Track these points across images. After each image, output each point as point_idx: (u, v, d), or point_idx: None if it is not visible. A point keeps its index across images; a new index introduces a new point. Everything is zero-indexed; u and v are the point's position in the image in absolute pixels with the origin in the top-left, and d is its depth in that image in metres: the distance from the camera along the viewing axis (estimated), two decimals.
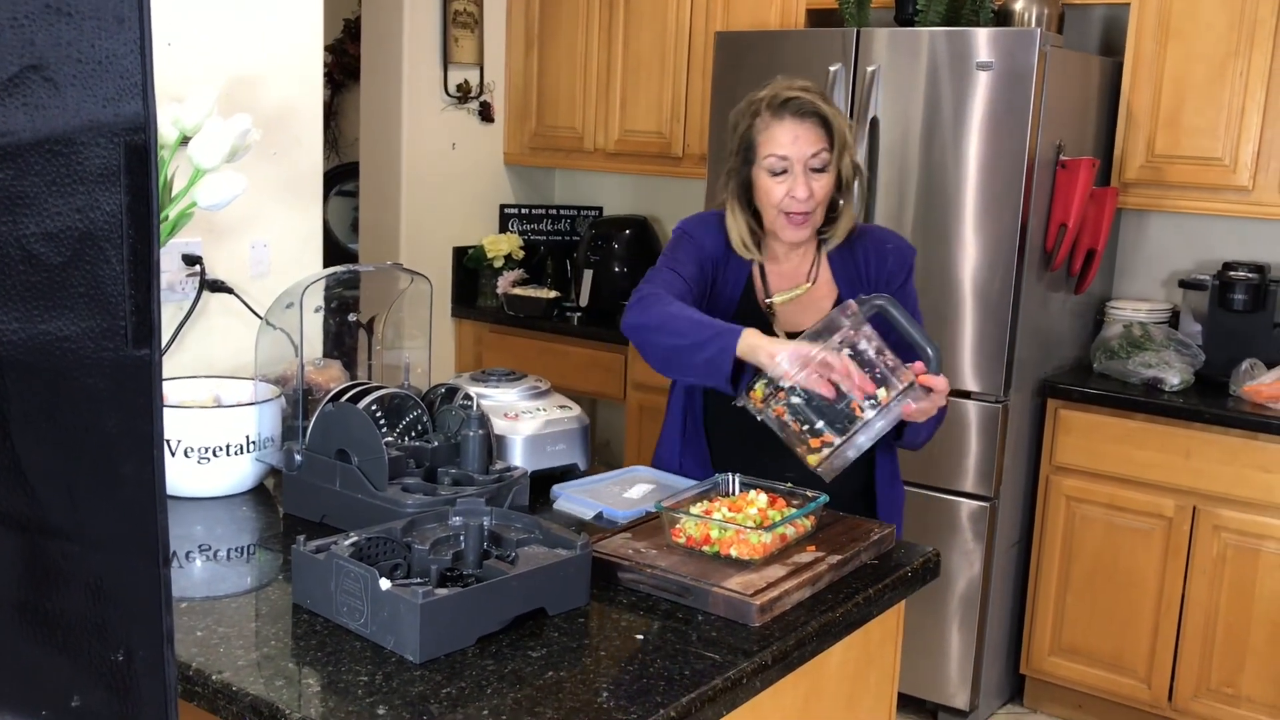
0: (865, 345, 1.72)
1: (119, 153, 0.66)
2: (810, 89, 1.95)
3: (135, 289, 0.68)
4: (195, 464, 1.83)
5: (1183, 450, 2.98)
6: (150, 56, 0.67)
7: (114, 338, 0.68)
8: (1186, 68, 3.13)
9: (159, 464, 0.71)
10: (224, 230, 2.31)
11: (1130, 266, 3.55)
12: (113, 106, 0.65)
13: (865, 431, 1.69)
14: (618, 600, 1.53)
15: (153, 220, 0.68)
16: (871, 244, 2.05)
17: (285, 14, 2.39)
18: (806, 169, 1.92)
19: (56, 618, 0.69)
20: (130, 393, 0.69)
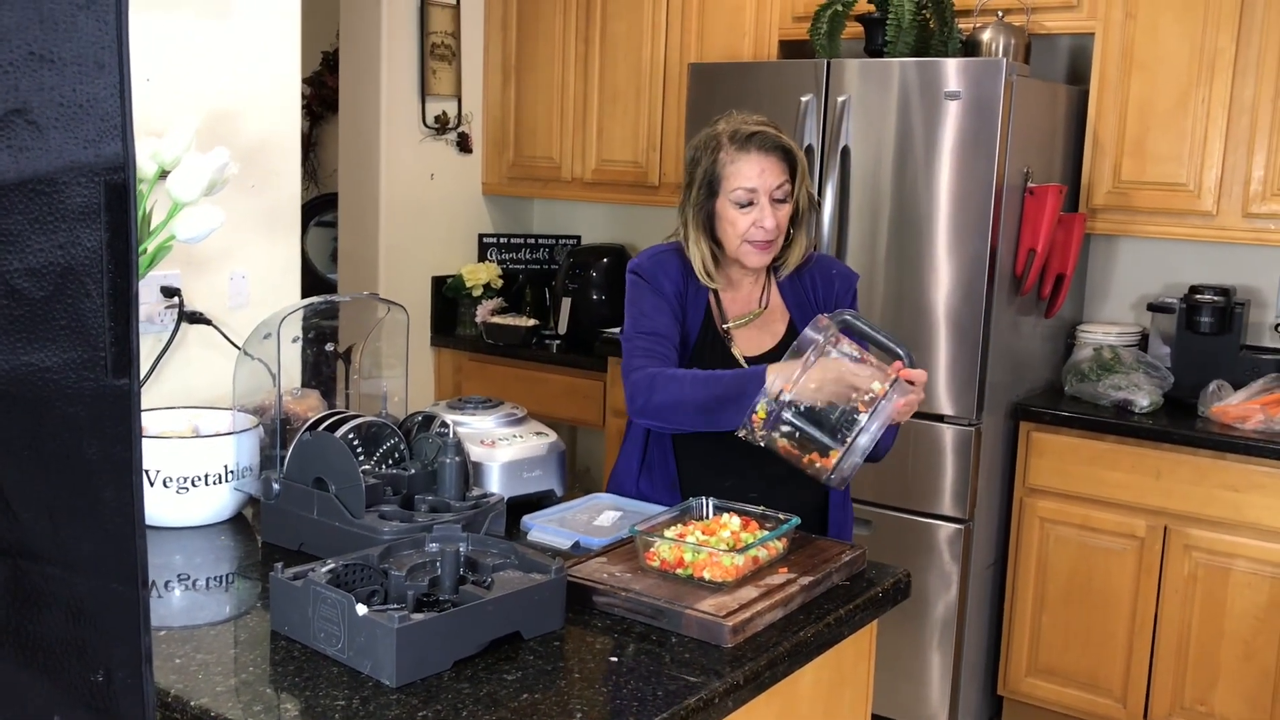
0: (848, 349, 1.78)
1: (99, 191, 0.69)
2: (767, 123, 2.02)
3: (115, 321, 0.70)
4: (174, 494, 1.85)
5: (1153, 471, 3.03)
6: (129, 99, 0.70)
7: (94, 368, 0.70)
8: (1150, 96, 3.20)
9: (138, 490, 0.74)
10: (202, 262, 2.33)
11: (1099, 290, 3.61)
12: (93, 148, 0.68)
13: (865, 434, 1.74)
14: (592, 623, 1.55)
15: (131, 255, 0.71)
16: (818, 270, 2.15)
17: (263, 48, 2.43)
18: (771, 200, 1.99)
19: (38, 639, 0.71)
20: (110, 421, 0.71)
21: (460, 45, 4.33)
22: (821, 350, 1.76)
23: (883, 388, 1.74)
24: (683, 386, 1.93)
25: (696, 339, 2.09)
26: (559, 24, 4.25)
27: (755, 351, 2.09)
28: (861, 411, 1.74)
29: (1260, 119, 3.06)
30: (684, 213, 2.08)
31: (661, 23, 4.00)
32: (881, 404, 1.73)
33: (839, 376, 1.74)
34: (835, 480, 1.77)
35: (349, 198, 4.31)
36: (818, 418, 1.75)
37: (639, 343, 2.03)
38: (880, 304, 3.17)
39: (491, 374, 4.27)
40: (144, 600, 0.75)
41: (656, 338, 2.04)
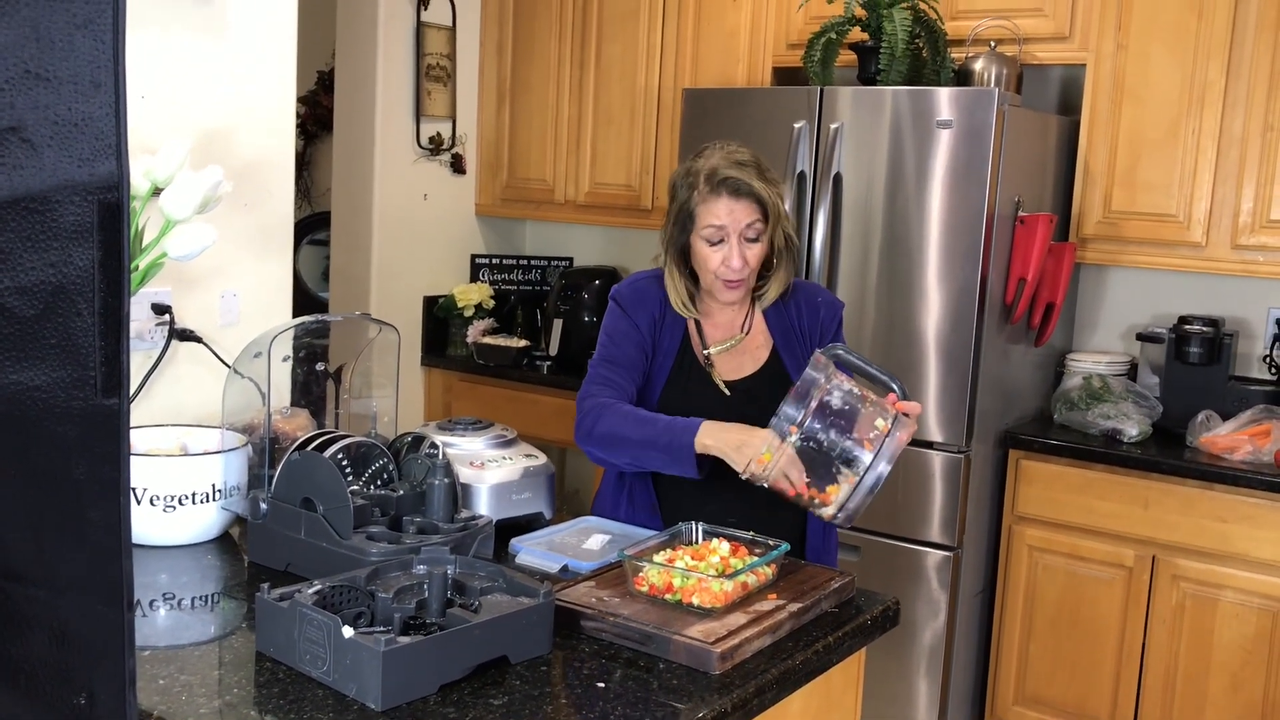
0: (849, 387, 1.79)
1: (93, 210, 0.68)
2: (746, 163, 2.02)
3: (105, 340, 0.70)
4: (161, 512, 1.84)
5: (1142, 500, 3.03)
6: (125, 118, 0.70)
7: (84, 387, 0.70)
8: (1141, 127, 3.22)
9: (125, 511, 0.73)
10: (194, 280, 2.32)
11: (1089, 320, 3.62)
12: (88, 166, 0.68)
13: (872, 472, 1.75)
14: (580, 648, 1.55)
15: (124, 275, 0.71)
16: (803, 297, 2.16)
17: (258, 66, 2.43)
18: (741, 239, 2.01)
19: (20, 661, 0.70)
20: (99, 441, 0.71)
21: (455, 67, 4.35)
22: (824, 390, 1.76)
23: (886, 425, 1.75)
24: (624, 422, 2.00)
25: (674, 365, 2.11)
26: (554, 47, 4.27)
27: (736, 376, 2.11)
28: (866, 449, 1.74)
29: (1249, 151, 3.08)
30: (664, 244, 2.12)
31: (656, 47, 4.02)
32: (886, 442, 1.74)
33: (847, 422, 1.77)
34: (842, 519, 1.78)
35: (342, 217, 4.31)
36: (822, 458, 1.76)
37: (600, 370, 2.11)
38: (871, 331, 3.17)
39: (482, 395, 4.26)
40: (129, 622, 0.74)
41: (617, 367, 2.10)
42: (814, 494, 1.79)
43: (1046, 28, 3.33)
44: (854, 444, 1.75)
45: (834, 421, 1.77)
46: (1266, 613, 2.90)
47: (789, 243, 2.09)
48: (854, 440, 1.76)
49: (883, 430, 1.75)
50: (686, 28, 3.94)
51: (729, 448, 1.88)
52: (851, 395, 1.79)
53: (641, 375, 2.12)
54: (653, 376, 2.13)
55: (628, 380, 2.09)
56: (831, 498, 1.78)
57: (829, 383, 1.78)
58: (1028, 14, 3.35)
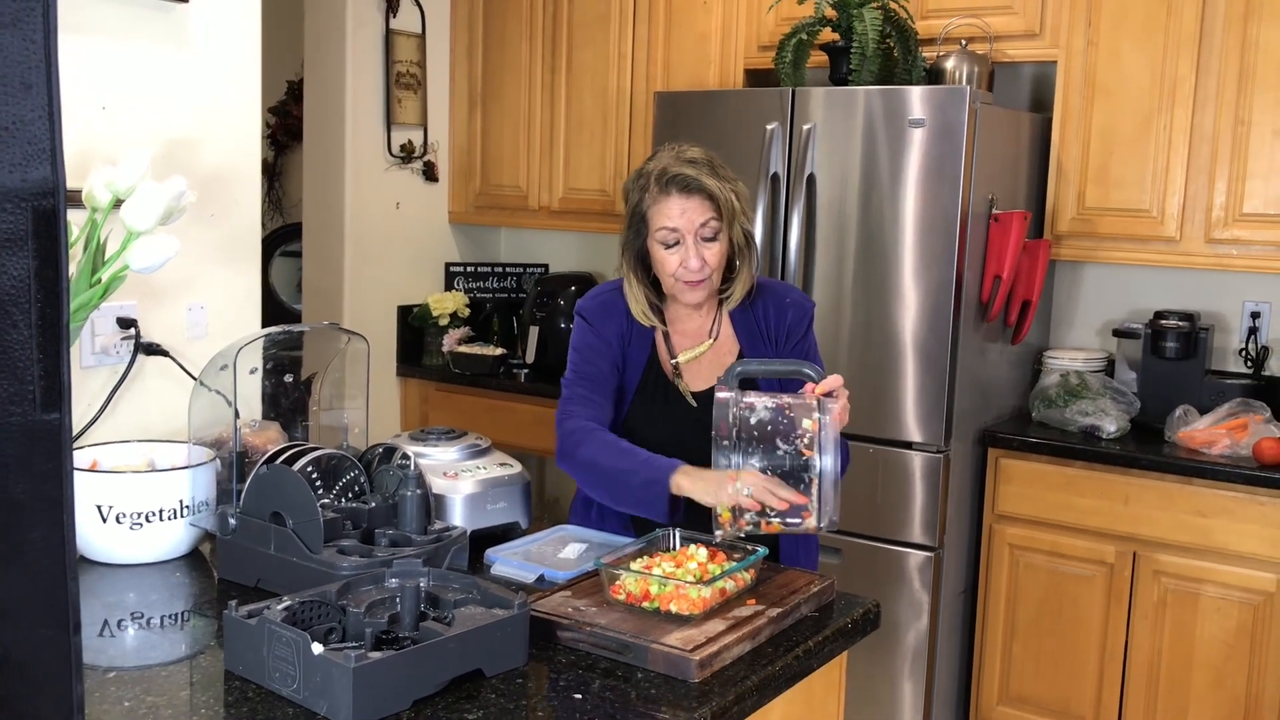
0: (759, 405, 1.75)
1: (26, 218, 0.66)
2: (696, 160, 1.97)
3: (44, 353, 0.67)
4: (128, 530, 1.80)
5: (1121, 497, 3.03)
6: (59, 122, 0.67)
7: (21, 403, 0.67)
8: (1113, 123, 3.22)
9: (69, 530, 0.70)
10: (160, 292, 2.29)
11: (1065, 316, 3.62)
12: (19, 172, 0.65)
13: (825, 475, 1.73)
14: (556, 660, 1.52)
15: (62, 284, 0.68)
16: (771, 299, 2.11)
17: (222, 75, 2.40)
18: (698, 239, 1.96)
19: None
20: (39, 458, 0.68)
21: (426, 74, 4.32)
22: (738, 422, 1.73)
23: (814, 420, 1.72)
24: (604, 452, 1.96)
25: (642, 377, 2.08)
26: (525, 53, 4.25)
27: (704, 386, 2.06)
28: (807, 454, 1.72)
29: (1221, 146, 3.09)
30: (622, 252, 2.07)
31: (628, 52, 4.00)
32: (821, 436, 1.72)
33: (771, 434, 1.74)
34: (826, 525, 1.76)
35: (314, 227, 4.27)
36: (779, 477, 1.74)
37: (577, 389, 2.07)
38: (847, 331, 3.16)
39: (458, 404, 4.23)
40: (75, 646, 0.71)
41: (593, 384, 2.07)
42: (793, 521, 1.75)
43: (1017, 25, 3.33)
44: (797, 453, 1.73)
45: (768, 446, 1.74)
46: (1248, 606, 2.90)
47: (749, 239, 2.03)
48: (795, 451, 1.73)
49: (813, 427, 1.72)
50: (657, 31, 3.92)
51: (710, 485, 1.80)
52: (767, 411, 1.75)
53: (615, 390, 2.08)
54: (622, 391, 2.09)
55: (604, 397, 2.06)
56: (805, 516, 1.75)
57: (742, 412, 1.74)
58: (998, 12, 3.35)
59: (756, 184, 3.20)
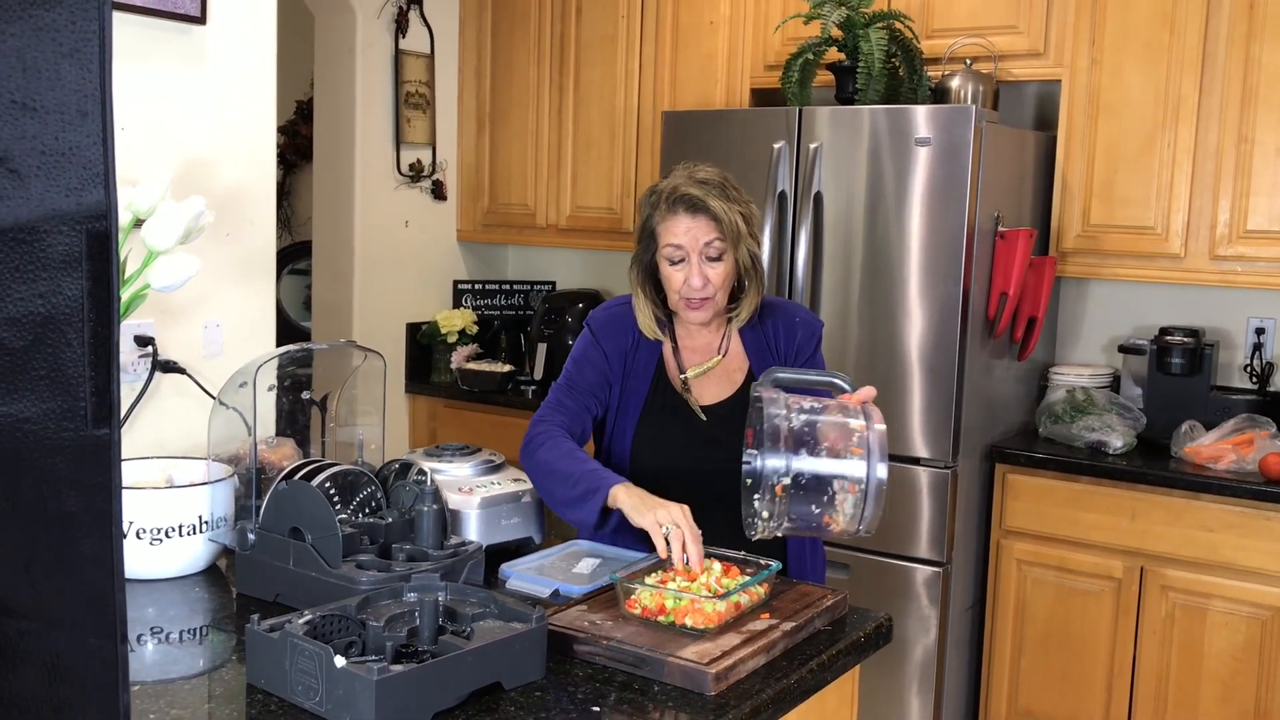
0: (808, 404, 1.75)
1: (81, 240, 0.68)
2: (708, 181, 1.98)
3: (95, 370, 0.70)
4: (148, 545, 1.82)
5: (1128, 512, 3.04)
6: (112, 147, 0.70)
7: (74, 418, 0.69)
8: (1117, 141, 3.25)
9: (118, 542, 0.72)
10: (177, 311, 2.31)
11: (1071, 333, 3.64)
12: (75, 196, 0.68)
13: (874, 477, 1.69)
14: (574, 673, 1.54)
15: (113, 304, 0.70)
16: (780, 317, 2.13)
17: (238, 96, 2.43)
18: (702, 258, 1.98)
19: (14, 696, 0.69)
20: (90, 472, 0.70)
21: (434, 94, 4.35)
22: (788, 421, 1.72)
23: (861, 424, 1.72)
24: (556, 455, 1.97)
25: (649, 391, 2.10)
26: (533, 73, 4.28)
27: (713, 400, 2.08)
28: (856, 455, 1.70)
29: (1224, 163, 3.11)
30: (632, 266, 2.10)
31: (635, 71, 4.04)
32: (871, 440, 1.70)
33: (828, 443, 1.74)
34: (863, 530, 1.73)
35: (323, 245, 4.30)
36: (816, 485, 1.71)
37: (558, 395, 2.11)
38: (854, 348, 3.18)
39: (467, 420, 4.25)
40: (123, 656, 0.73)
41: (575, 394, 2.10)
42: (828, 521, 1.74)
43: (1021, 45, 3.36)
44: (841, 457, 1.72)
45: (812, 446, 1.73)
46: (1255, 621, 2.91)
47: (755, 261, 2.04)
48: (839, 454, 1.73)
49: (861, 429, 1.72)
50: (664, 51, 3.96)
51: (641, 504, 1.82)
52: (814, 411, 1.74)
53: (600, 404, 2.11)
54: (626, 405, 2.11)
55: (582, 408, 2.09)
56: (837, 519, 1.74)
57: (788, 411, 1.74)
58: (1003, 31, 3.38)
59: (764, 202, 3.23)
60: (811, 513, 1.72)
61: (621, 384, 2.11)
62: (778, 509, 1.72)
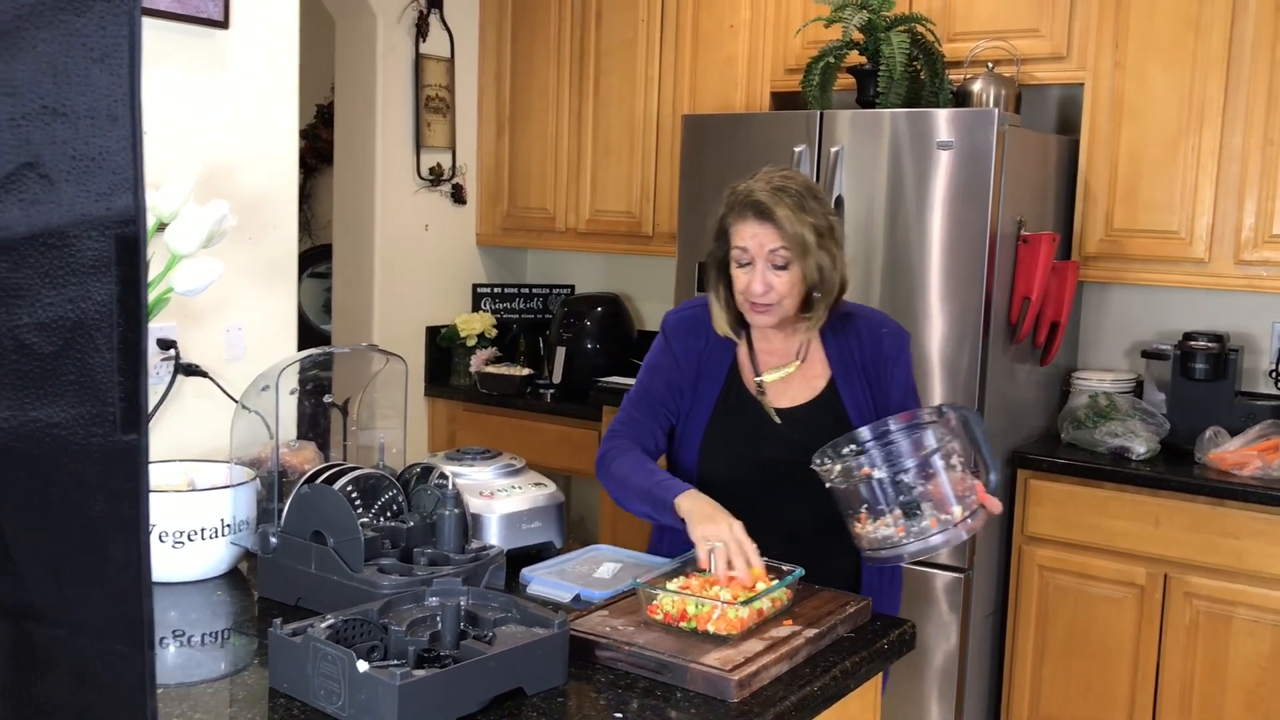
0: (957, 461, 1.75)
1: (110, 245, 0.68)
2: (785, 190, 1.95)
3: (124, 376, 0.69)
4: (170, 548, 1.82)
5: (1152, 518, 3.02)
6: (141, 152, 0.69)
7: (103, 424, 0.69)
8: (1141, 145, 3.23)
9: (145, 548, 0.72)
10: (199, 314, 2.32)
11: (1093, 338, 3.62)
12: (105, 201, 0.67)
13: (919, 542, 1.71)
14: (595, 679, 1.53)
15: (142, 310, 0.70)
16: (866, 326, 2.08)
17: (260, 101, 2.44)
18: (768, 264, 1.95)
19: (43, 702, 0.69)
20: (118, 478, 0.70)
21: (454, 98, 4.36)
22: (936, 448, 1.73)
23: (962, 512, 1.71)
24: (627, 469, 1.99)
25: (720, 393, 2.06)
26: (553, 77, 4.29)
27: (789, 404, 2.04)
28: (933, 524, 1.70)
29: (1250, 166, 3.09)
30: (707, 263, 2.07)
31: (654, 75, 4.04)
32: (952, 530, 1.71)
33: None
34: (867, 556, 1.75)
35: (344, 249, 4.31)
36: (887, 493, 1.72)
37: (630, 410, 2.10)
38: None
39: (486, 424, 4.25)
40: (150, 662, 0.73)
41: (648, 406, 2.09)
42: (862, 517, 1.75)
43: (1044, 48, 3.34)
44: (925, 507, 1.71)
45: (925, 474, 1.72)
46: None
47: (822, 274, 1.97)
48: (928, 504, 1.71)
49: (957, 517, 1.71)
50: (684, 55, 3.96)
51: (696, 516, 1.83)
52: (956, 461, 1.74)
53: (671, 414, 2.09)
54: (697, 405, 2.08)
55: (652, 420, 2.08)
56: (863, 529, 1.74)
57: (943, 441, 1.73)
58: (1025, 35, 3.36)
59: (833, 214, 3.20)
60: (856, 503, 1.73)
61: (694, 386, 2.09)
62: (841, 475, 1.71)
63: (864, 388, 2.04)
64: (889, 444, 1.74)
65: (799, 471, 1.85)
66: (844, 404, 2.02)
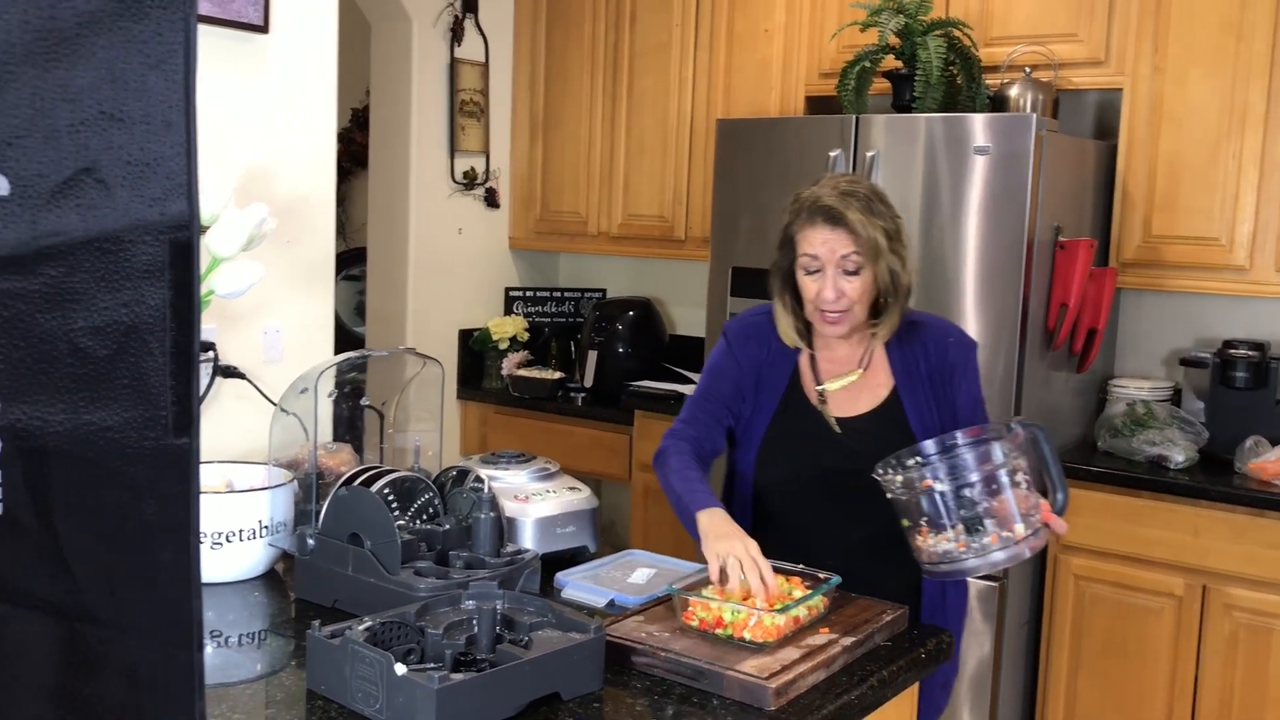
0: (1023, 478, 1.73)
1: (164, 250, 0.68)
2: (852, 194, 1.92)
3: (176, 380, 0.70)
4: (208, 549, 1.84)
5: (1190, 528, 2.98)
6: (195, 158, 0.70)
7: (155, 427, 0.70)
8: (1180, 150, 3.19)
9: (195, 551, 0.73)
10: (237, 316, 2.34)
11: (1131, 345, 3.58)
12: (159, 206, 0.68)
13: (981, 557, 1.69)
14: (631, 684, 1.53)
15: (194, 314, 0.70)
16: (931, 335, 2.04)
17: (299, 105, 2.45)
18: (839, 270, 1.92)
19: (92, 703, 0.70)
20: (169, 481, 0.71)
21: (489, 102, 4.38)
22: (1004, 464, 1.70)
23: (1024, 531, 1.69)
24: (671, 471, 2.00)
25: (780, 402, 2.04)
26: (586, 81, 4.29)
27: (851, 413, 2.01)
28: (993, 541, 1.68)
29: None
30: (771, 272, 2.04)
31: (689, 79, 4.03)
32: (1014, 547, 1.68)
33: None
34: (926, 570, 1.73)
35: (378, 252, 4.34)
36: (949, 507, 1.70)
37: (692, 408, 2.10)
38: None
39: (517, 427, 4.26)
40: (199, 664, 0.74)
41: (709, 404, 2.08)
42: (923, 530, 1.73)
43: (1082, 53, 3.31)
44: (987, 523, 1.69)
45: (990, 489, 1.70)
46: None
47: (894, 279, 1.95)
48: (991, 520, 1.69)
49: (1020, 534, 1.69)
50: (719, 58, 3.95)
51: (711, 534, 1.81)
52: (1021, 478, 1.72)
53: (733, 415, 2.08)
54: (756, 413, 2.06)
55: (714, 420, 2.08)
56: (924, 542, 1.72)
57: (1010, 457, 1.71)
58: (1063, 39, 3.33)
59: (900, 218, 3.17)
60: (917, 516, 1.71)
61: (754, 393, 2.07)
62: (903, 487, 1.70)
63: (928, 398, 2.00)
64: (954, 457, 1.71)
65: (859, 481, 1.83)
66: (906, 414, 1.99)
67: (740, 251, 3.46)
